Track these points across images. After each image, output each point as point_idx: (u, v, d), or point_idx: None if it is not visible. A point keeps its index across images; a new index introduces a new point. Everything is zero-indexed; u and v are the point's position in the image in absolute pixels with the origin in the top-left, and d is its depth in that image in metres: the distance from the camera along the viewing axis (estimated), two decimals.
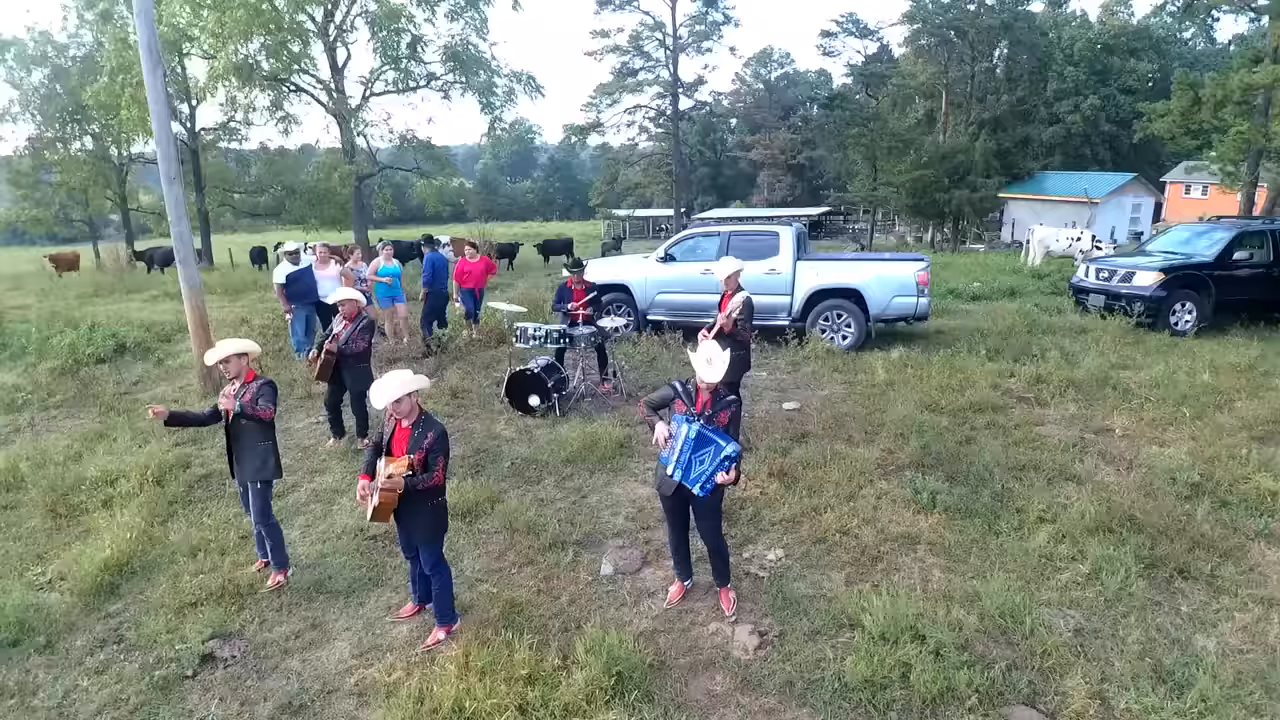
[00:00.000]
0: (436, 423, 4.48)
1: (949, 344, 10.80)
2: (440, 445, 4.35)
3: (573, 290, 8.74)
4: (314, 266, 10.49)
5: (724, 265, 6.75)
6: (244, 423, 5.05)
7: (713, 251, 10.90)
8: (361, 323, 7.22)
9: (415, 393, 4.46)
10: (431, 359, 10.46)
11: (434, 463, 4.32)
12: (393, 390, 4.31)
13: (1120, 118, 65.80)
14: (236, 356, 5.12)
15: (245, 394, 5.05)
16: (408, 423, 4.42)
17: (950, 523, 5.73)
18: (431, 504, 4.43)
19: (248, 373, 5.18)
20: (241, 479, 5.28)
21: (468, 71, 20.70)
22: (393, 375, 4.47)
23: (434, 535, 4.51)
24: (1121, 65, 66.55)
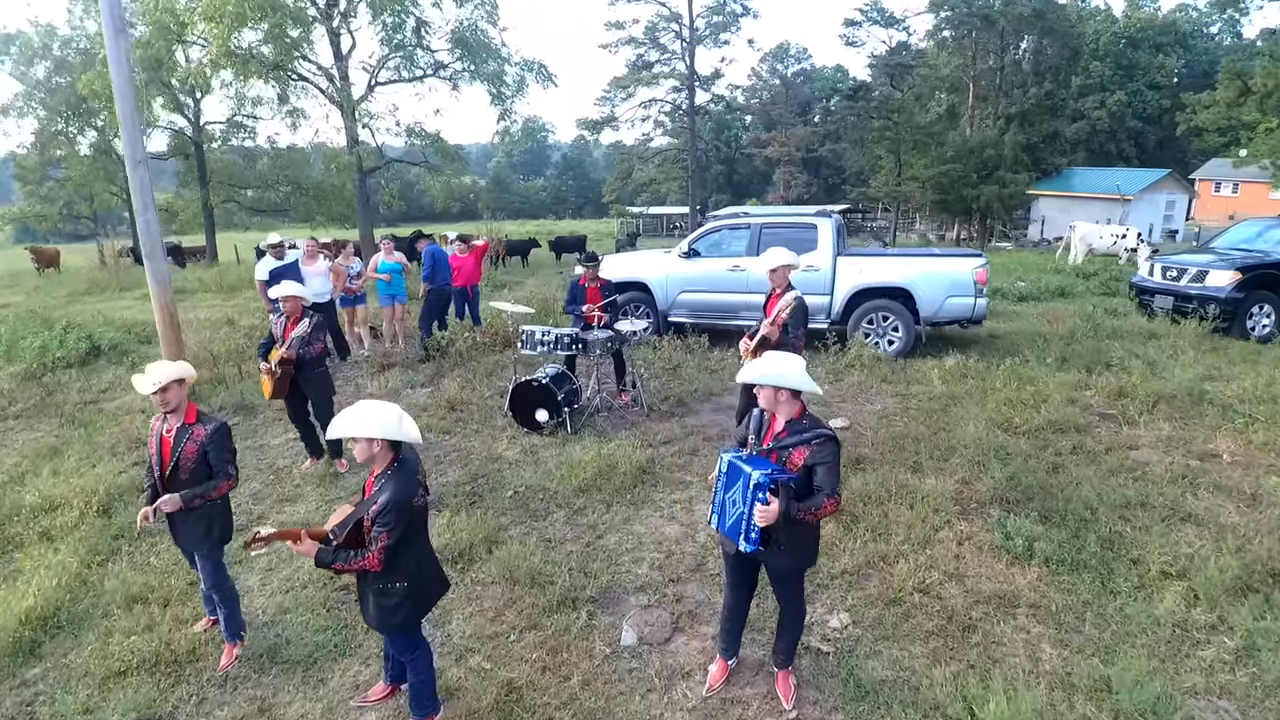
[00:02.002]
0: (404, 483, 3.19)
1: (1008, 350, 9.65)
2: (392, 516, 3.11)
3: (586, 289, 7.67)
4: (300, 262, 9.48)
5: (772, 256, 5.64)
6: (182, 478, 3.95)
7: (741, 246, 9.81)
8: (312, 321, 6.19)
9: None
10: (429, 364, 9.41)
11: (374, 539, 3.13)
12: (359, 427, 3.11)
13: (1147, 113, 64.31)
14: (176, 384, 3.96)
15: (186, 443, 3.95)
16: (376, 471, 3.34)
17: (1054, 578, 4.62)
18: (391, 586, 3.30)
19: (188, 407, 4.06)
20: (182, 546, 4.24)
21: (476, 59, 19.65)
22: (365, 408, 3.21)
23: (401, 622, 3.40)
24: (1149, 60, 64.99)
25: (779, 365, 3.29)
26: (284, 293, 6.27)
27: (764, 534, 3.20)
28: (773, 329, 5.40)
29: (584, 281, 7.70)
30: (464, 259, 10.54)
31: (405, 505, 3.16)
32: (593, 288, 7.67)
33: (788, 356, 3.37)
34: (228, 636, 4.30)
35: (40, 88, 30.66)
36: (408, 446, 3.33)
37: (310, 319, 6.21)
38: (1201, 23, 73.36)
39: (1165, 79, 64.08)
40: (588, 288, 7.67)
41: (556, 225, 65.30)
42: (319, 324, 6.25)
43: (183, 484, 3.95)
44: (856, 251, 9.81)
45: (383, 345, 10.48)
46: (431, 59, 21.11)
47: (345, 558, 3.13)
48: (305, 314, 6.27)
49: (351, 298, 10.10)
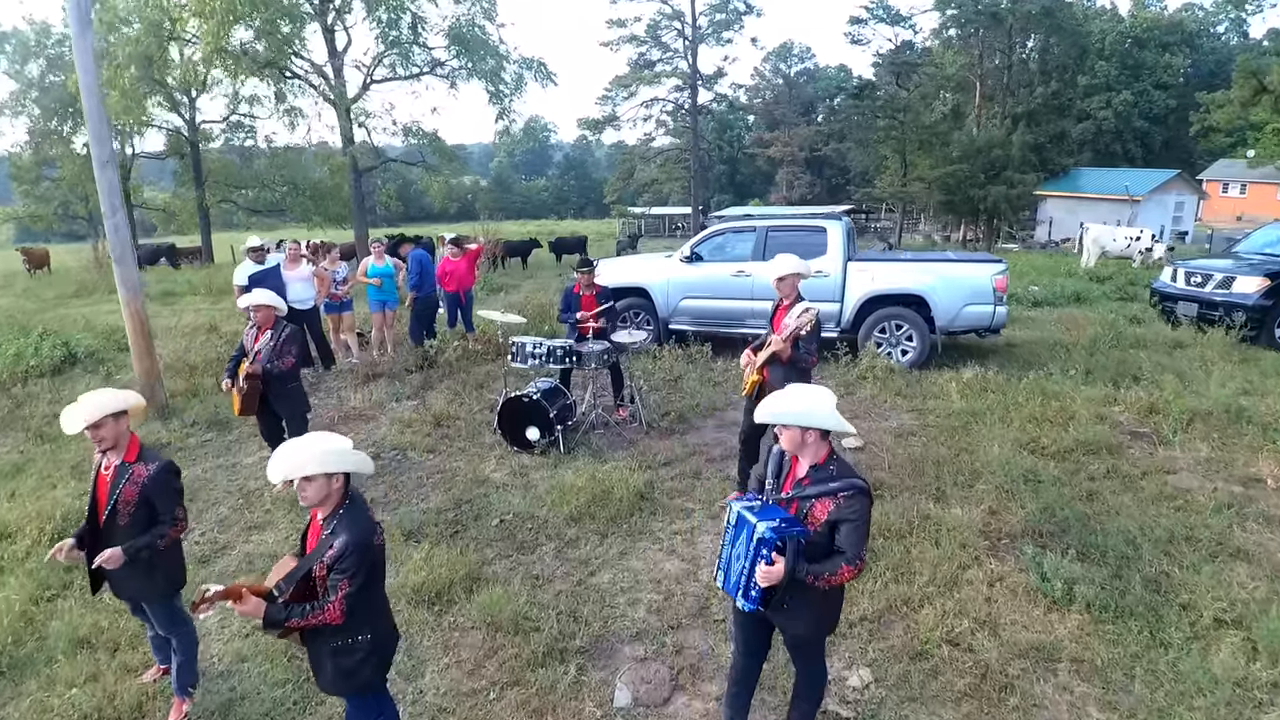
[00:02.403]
0: (360, 522, 2.78)
1: (1028, 360, 9.16)
2: (352, 560, 2.69)
3: (581, 297, 7.19)
4: (282, 266, 9.01)
5: (781, 264, 5.15)
6: (121, 524, 3.41)
7: (746, 250, 9.32)
8: (283, 332, 5.72)
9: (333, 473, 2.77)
10: (418, 374, 8.94)
11: (333, 587, 2.69)
12: (316, 462, 2.69)
13: (1154, 114, 63.76)
14: (112, 419, 3.37)
15: (126, 484, 3.40)
16: (321, 515, 2.87)
17: (1098, 627, 4.13)
18: (353, 641, 2.84)
19: (130, 442, 3.49)
20: (124, 597, 3.75)
21: (473, 55, 19.17)
22: (316, 441, 2.81)
23: (366, 682, 2.93)
24: (1155, 60, 64.45)
25: (805, 400, 2.81)
26: (253, 302, 5.80)
27: (767, 593, 2.72)
28: (785, 345, 4.91)
29: (578, 289, 7.22)
30: (457, 262, 10.07)
31: (367, 546, 2.75)
32: (588, 295, 7.19)
33: (815, 390, 2.90)
34: (177, 690, 3.82)
35: (34, 86, 30.26)
36: None
37: (281, 330, 5.74)
38: (1208, 22, 72.87)
39: (1172, 79, 63.58)
40: (582, 295, 7.19)
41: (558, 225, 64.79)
42: (290, 336, 5.78)
43: (122, 531, 3.41)
44: (868, 256, 9.32)
45: (370, 353, 10.00)
46: (428, 56, 20.65)
47: (300, 613, 2.68)
48: (278, 324, 5.80)
49: (337, 304, 9.63)
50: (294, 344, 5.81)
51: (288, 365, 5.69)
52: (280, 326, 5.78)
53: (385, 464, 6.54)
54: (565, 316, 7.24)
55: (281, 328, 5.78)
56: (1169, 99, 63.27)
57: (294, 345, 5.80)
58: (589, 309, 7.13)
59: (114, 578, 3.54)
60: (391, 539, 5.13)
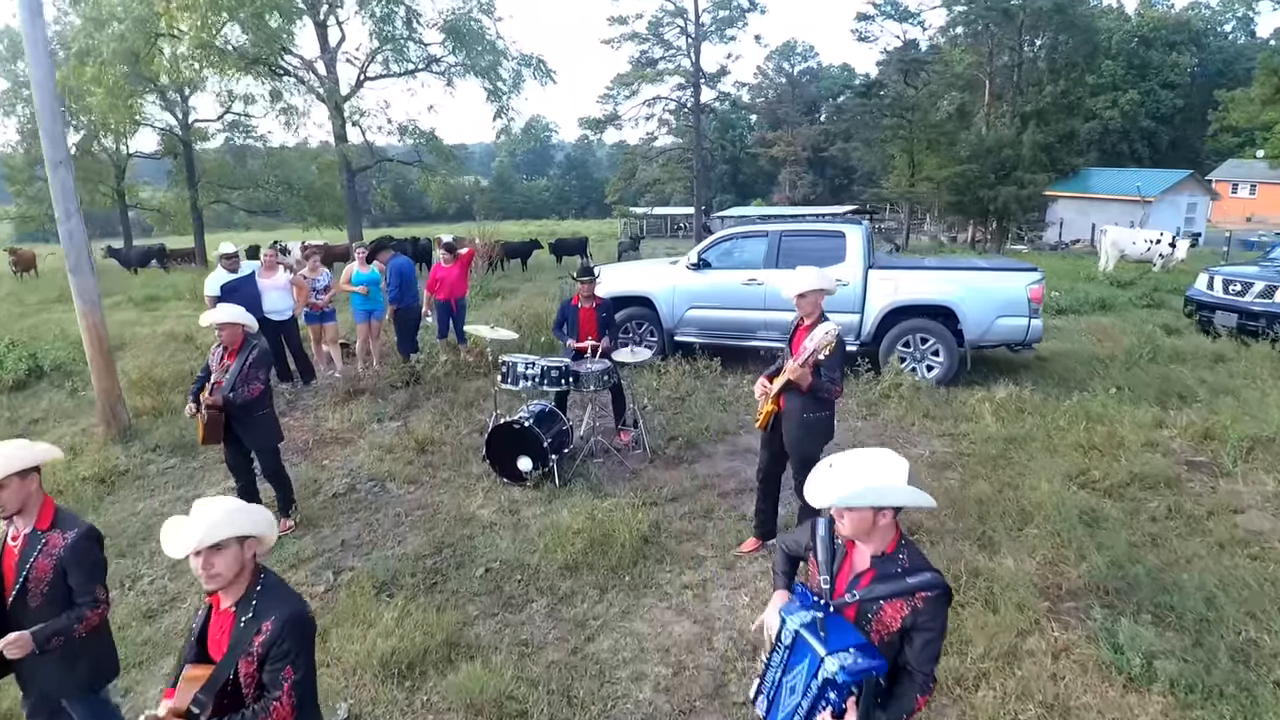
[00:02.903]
0: (285, 594, 2.24)
1: (1062, 377, 8.50)
2: (293, 640, 2.15)
3: (580, 310, 6.53)
4: (258, 274, 8.37)
5: (801, 278, 4.46)
6: (33, 605, 2.73)
7: (758, 256, 8.66)
8: (251, 355, 5.06)
9: (248, 540, 2.20)
10: (404, 390, 8.28)
11: (274, 681, 2.12)
12: (228, 525, 2.13)
13: (1161, 113, 63.09)
14: (18, 478, 2.69)
15: (38, 556, 2.73)
16: (229, 600, 2.23)
17: (1185, 713, 3.48)
18: None
19: (42, 506, 2.80)
20: (31, 694, 3.00)
21: (469, 51, 18.52)
22: (223, 504, 2.20)
23: None
24: (1161, 59, 63.85)
25: (875, 472, 2.15)
26: (217, 320, 5.14)
27: None
28: (803, 372, 4.24)
29: (577, 300, 6.56)
30: (448, 269, 9.42)
31: (304, 619, 2.25)
32: (587, 309, 6.53)
33: (880, 456, 2.24)
34: None
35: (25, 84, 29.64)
36: None
37: (249, 352, 5.09)
38: (1215, 21, 72.24)
39: (1179, 78, 62.98)
40: (581, 309, 6.53)
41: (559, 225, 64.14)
42: (259, 359, 5.12)
43: (34, 613, 2.73)
44: (890, 264, 8.65)
45: (354, 366, 9.35)
46: (424, 52, 20.00)
47: None
48: (248, 344, 5.15)
49: (319, 314, 8.99)
50: (263, 368, 5.14)
51: (254, 393, 5.03)
52: (249, 347, 5.13)
53: (361, 497, 5.89)
54: (560, 332, 6.59)
55: (250, 349, 5.12)
56: (1176, 98, 62.69)
57: (262, 370, 5.14)
58: (588, 324, 6.48)
59: (24, 669, 2.84)
60: (361, 592, 4.49)
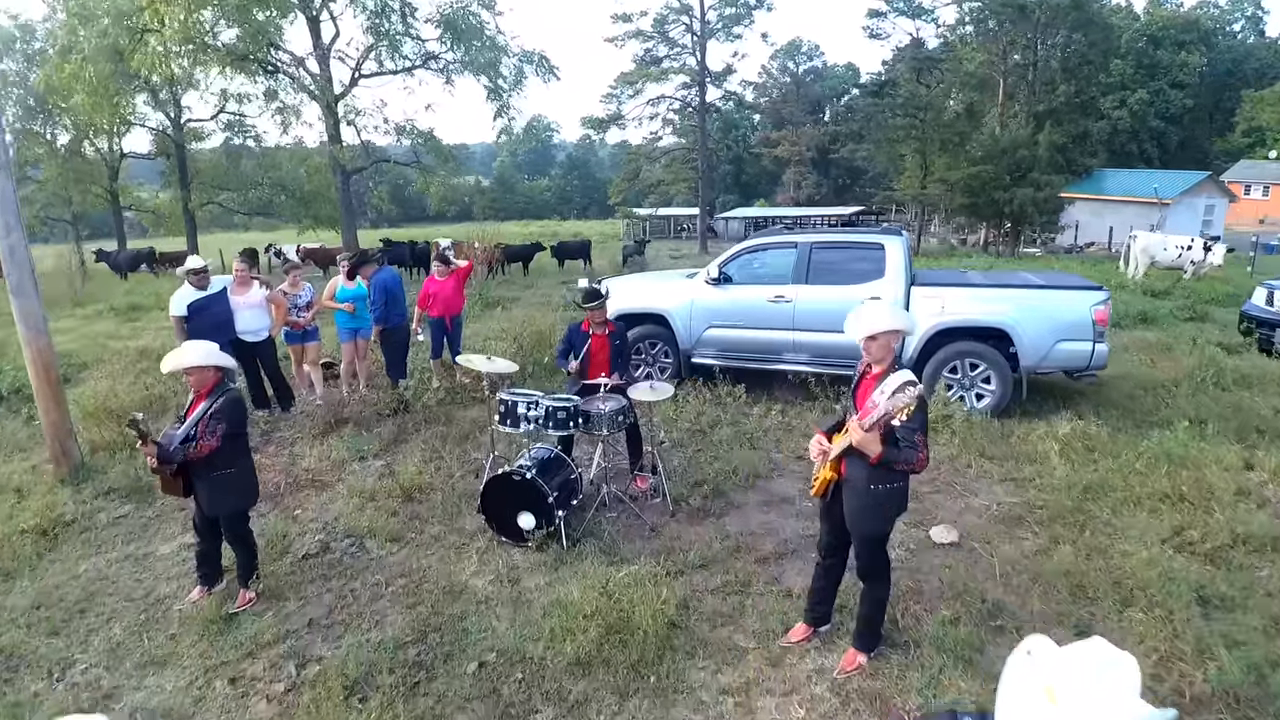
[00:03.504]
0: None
1: (1124, 405, 7.64)
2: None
3: (591, 338, 5.69)
4: (230, 290, 7.53)
5: (872, 316, 3.53)
6: None
7: (785, 270, 7.81)
8: (215, 404, 4.22)
9: None
10: (390, 420, 7.43)
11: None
12: None
13: (1170, 113, 62.33)
14: None
15: None
16: None
17: None
18: None
19: None
20: None
21: (468, 46, 17.66)
22: None
23: None
24: (1170, 58, 63.13)
25: None
26: (181, 364, 4.29)
27: None
28: (871, 437, 3.34)
29: (587, 326, 5.71)
30: (442, 283, 8.58)
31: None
32: (599, 336, 5.68)
33: None
34: None
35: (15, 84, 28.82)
36: None
37: (216, 399, 4.24)
38: (1223, 20, 71.50)
39: (1188, 77, 62.21)
40: (592, 336, 5.68)
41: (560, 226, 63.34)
42: (224, 409, 4.24)
43: None
44: (935, 279, 7.77)
45: (340, 389, 8.51)
46: (421, 49, 19.14)
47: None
48: (220, 388, 4.31)
49: (300, 333, 8.14)
50: (226, 421, 4.26)
51: (203, 451, 4.17)
52: (218, 394, 4.28)
53: (336, 560, 5.04)
54: (564, 363, 5.74)
55: (217, 396, 4.27)
56: (1185, 98, 61.91)
57: (222, 422, 4.25)
58: (600, 355, 5.63)
59: None
60: (328, 695, 3.65)
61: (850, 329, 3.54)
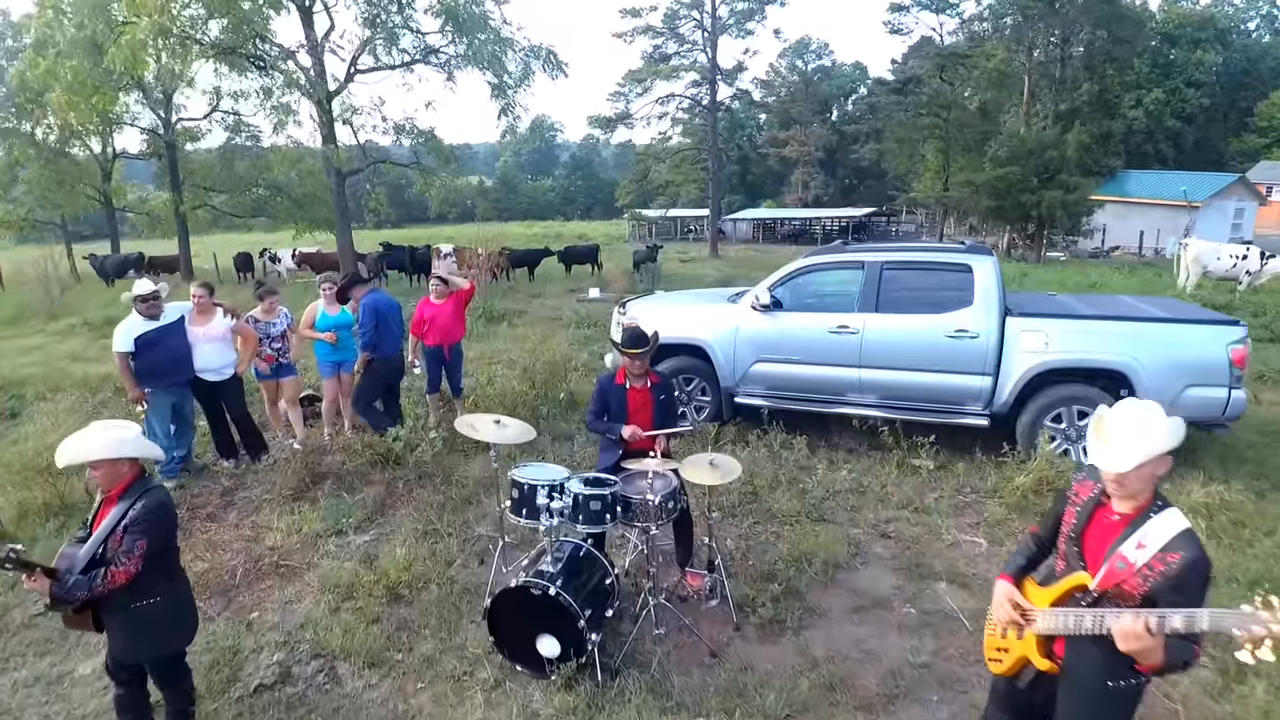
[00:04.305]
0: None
1: (1252, 458, 6.40)
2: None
3: (628, 391, 4.44)
4: (188, 320, 6.30)
5: (1130, 442, 2.15)
6: None
7: (849, 294, 6.57)
8: (135, 506, 2.98)
9: None
10: (377, 475, 6.18)
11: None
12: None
13: (1186, 113, 61.08)
14: None
15: None
16: None
17: None
18: None
19: None
20: None
21: (469, 37, 16.41)
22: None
23: None
24: (1186, 57, 61.94)
25: None
26: (79, 458, 3.04)
27: None
28: (1151, 643, 2.08)
29: (622, 377, 4.47)
30: (439, 306, 7.34)
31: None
32: (638, 390, 4.44)
33: None
34: None
35: None
36: None
37: (134, 503, 3.00)
38: (1238, 19, 70.27)
39: (1204, 76, 60.92)
40: (630, 390, 4.44)
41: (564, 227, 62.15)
42: (144, 516, 2.97)
43: None
44: (1035, 308, 6.47)
45: (322, 432, 7.29)
46: (421, 43, 17.90)
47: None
48: (138, 487, 3.06)
49: (273, 367, 6.91)
50: (144, 533, 2.98)
51: (120, 580, 2.93)
52: (136, 493, 3.04)
53: (297, 695, 3.80)
54: (597, 424, 4.49)
55: (136, 496, 3.03)
56: (1202, 97, 60.62)
57: (143, 536, 2.98)
58: (641, 414, 4.39)
59: None
60: None
61: (1099, 458, 2.25)
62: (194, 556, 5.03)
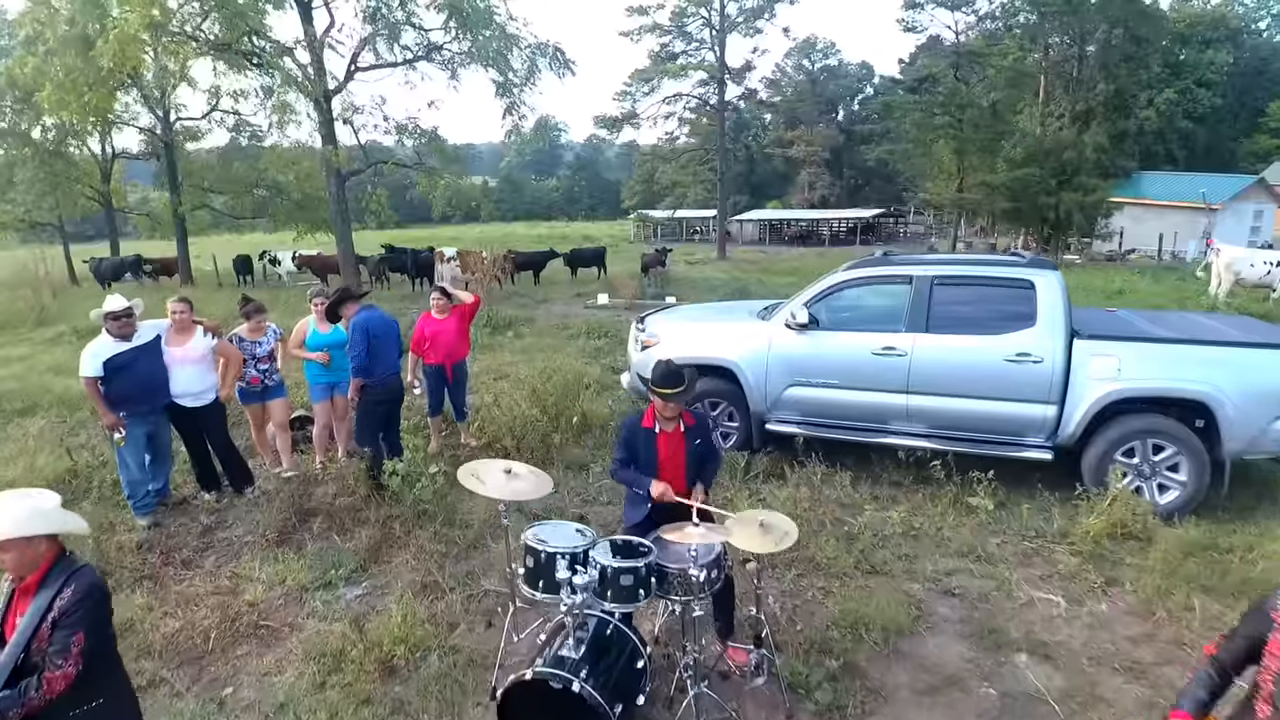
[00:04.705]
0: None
1: None
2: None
3: (658, 437, 3.82)
4: (164, 340, 5.69)
5: None
6: None
7: (896, 312, 5.94)
8: (62, 594, 2.36)
9: None
10: (370, 515, 5.55)
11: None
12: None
13: (1197, 113, 60.37)
14: None
15: None
16: None
17: None
18: None
19: None
20: None
21: (473, 32, 15.80)
22: None
23: None
24: (1197, 57, 61.24)
25: None
26: None
27: None
28: None
29: (651, 419, 3.84)
30: (441, 322, 6.74)
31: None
32: (669, 434, 3.81)
33: None
34: None
35: None
36: None
37: (59, 590, 2.38)
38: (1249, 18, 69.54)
39: (1216, 76, 60.20)
40: (660, 434, 3.81)
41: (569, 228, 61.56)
42: (74, 605, 2.33)
43: None
44: (1102, 327, 5.82)
45: (313, 461, 6.68)
46: (424, 39, 17.29)
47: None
48: (59, 570, 2.44)
49: (258, 389, 6.31)
50: (79, 625, 2.35)
51: (58, 689, 2.30)
52: (60, 576, 2.42)
53: None
54: (623, 474, 3.87)
55: (61, 580, 2.41)
56: (1214, 97, 59.91)
57: (78, 629, 2.35)
58: (673, 462, 3.78)
59: None
60: None
61: None
62: (164, 613, 4.44)
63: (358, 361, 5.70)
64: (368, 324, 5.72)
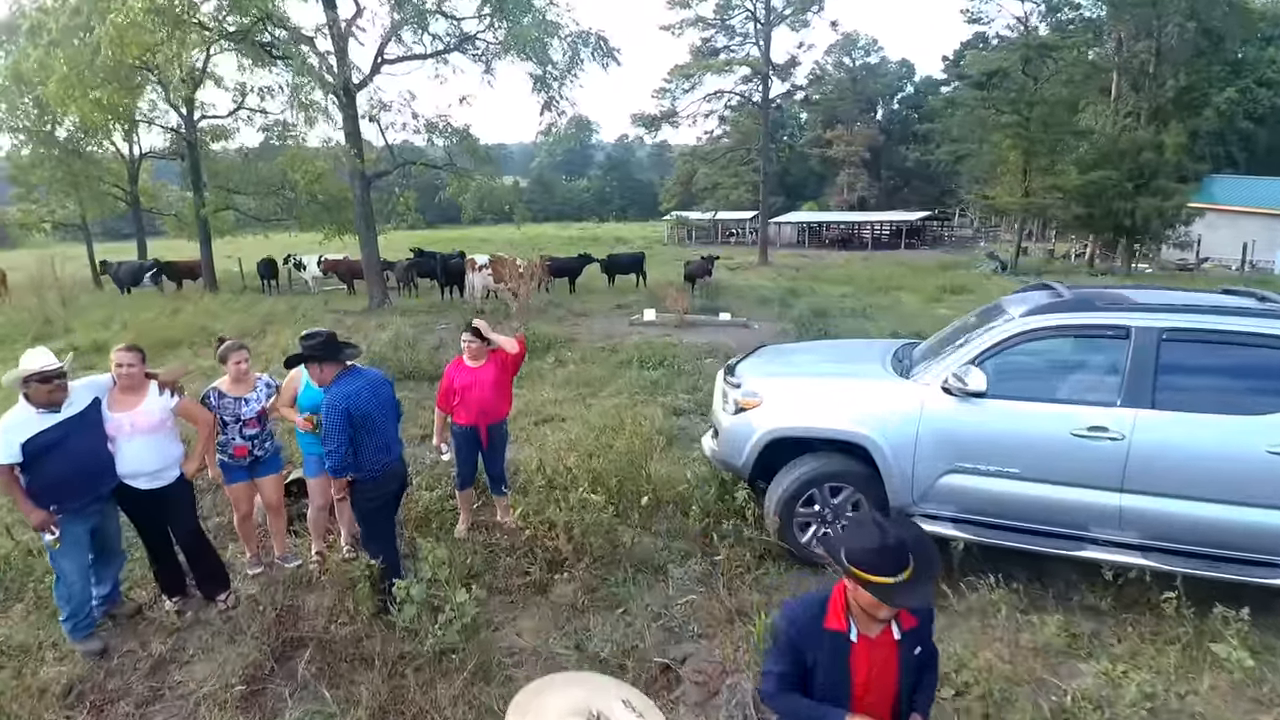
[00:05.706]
0: None
1: None
2: None
3: (852, 646, 2.24)
4: (105, 401, 4.23)
5: None
6: None
7: (1108, 375, 4.29)
8: None
9: None
10: (378, 654, 4.04)
11: None
12: None
13: (1258, 113, 57.58)
14: None
15: None
16: None
17: None
18: None
19: None
20: None
21: (510, 19, 14.33)
22: None
23: None
24: (1257, 55, 58.40)
25: None
26: None
27: None
28: None
29: (841, 616, 2.26)
30: (476, 370, 5.22)
31: None
32: (875, 641, 2.23)
33: None
34: None
35: None
36: None
37: None
38: None
39: (1277, 75, 57.25)
40: (858, 640, 2.23)
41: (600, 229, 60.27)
42: None
43: None
44: None
45: (309, 552, 5.20)
46: (456, 29, 15.88)
47: None
48: None
49: (244, 463, 4.81)
50: None
51: None
52: None
53: None
54: (788, 702, 2.29)
55: None
56: (1274, 97, 57.03)
57: None
58: (881, 681, 2.20)
59: None
60: None
61: None
62: None
63: (335, 459, 4.09)
64: (349, 403, 4.06)
